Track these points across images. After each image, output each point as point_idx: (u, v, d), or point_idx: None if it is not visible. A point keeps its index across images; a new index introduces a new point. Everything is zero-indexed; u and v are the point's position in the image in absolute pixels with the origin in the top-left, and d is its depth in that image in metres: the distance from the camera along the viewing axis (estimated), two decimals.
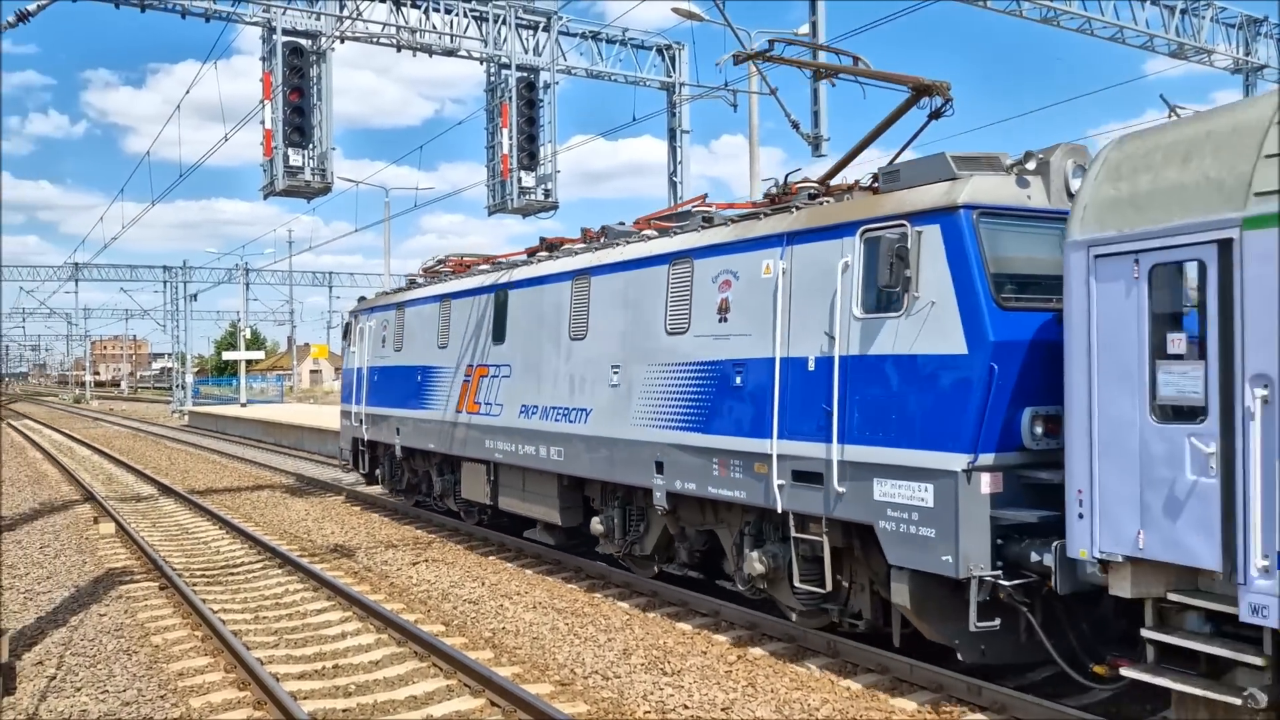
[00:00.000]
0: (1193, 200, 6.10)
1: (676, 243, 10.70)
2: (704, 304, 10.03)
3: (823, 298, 8.61)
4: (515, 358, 13.48)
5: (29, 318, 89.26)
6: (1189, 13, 22.03)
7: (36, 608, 11.40)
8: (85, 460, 31.01)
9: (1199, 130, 6.32)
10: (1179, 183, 6.22)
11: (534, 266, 13.49)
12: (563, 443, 12.22)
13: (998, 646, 7.74)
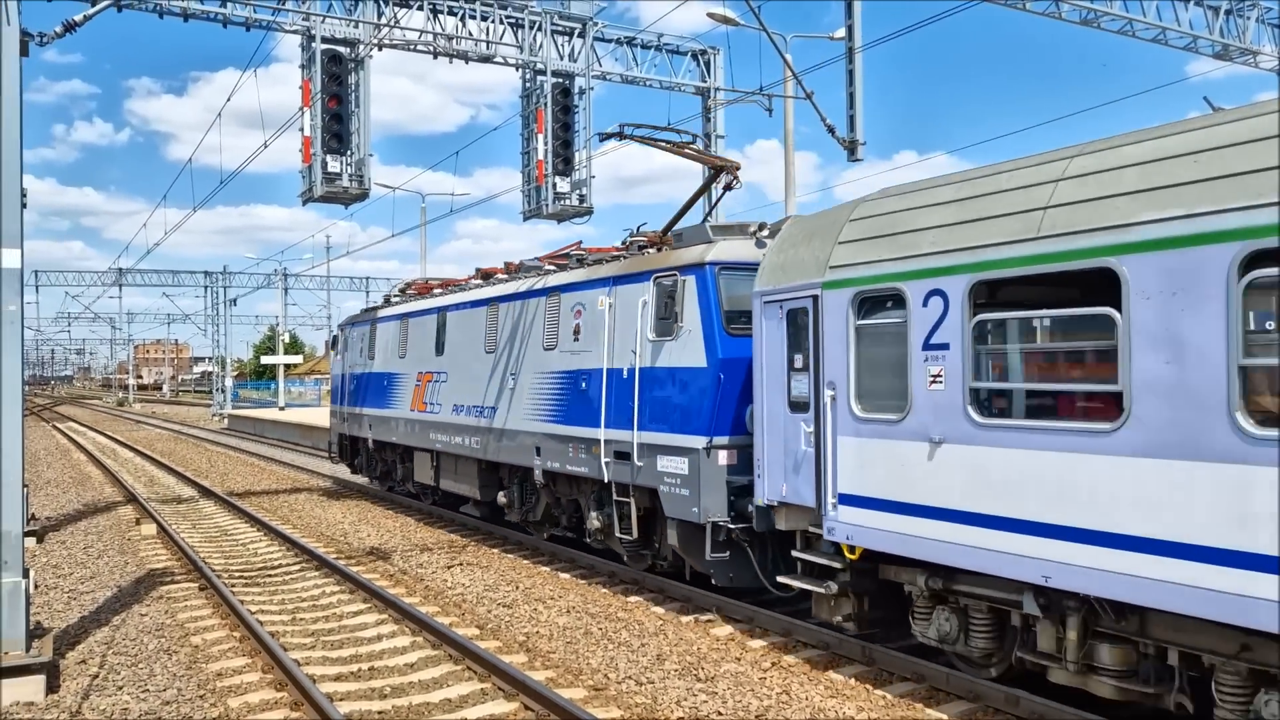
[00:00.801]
0: (806, 268, 9.10)
1: (550, 280, 13.81)
2: (566, 327, 13.14)
3: (632, 325, 11.61)
4: (450, 366, 16.69)
5: (74, 322, 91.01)
6: (1233, 13, 21.66)
7: (80, 607, 11.59)
8: (128, 462, 31.51)
9: (816, 223, 9.52)
10: (801, 257, 9.26)
11: (464, 294, 16.71)
12: (480, 434, 15.32)
13: (737, 572, 10.55)
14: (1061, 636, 7.24)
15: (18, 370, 8.97)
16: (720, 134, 21.56)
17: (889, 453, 8.23)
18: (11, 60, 9.08)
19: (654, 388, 11.26)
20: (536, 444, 13.66)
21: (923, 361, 7.88)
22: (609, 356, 12.03)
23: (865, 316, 8.56)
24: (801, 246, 9.37)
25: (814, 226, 9.47)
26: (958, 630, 8.16)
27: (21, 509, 9.12)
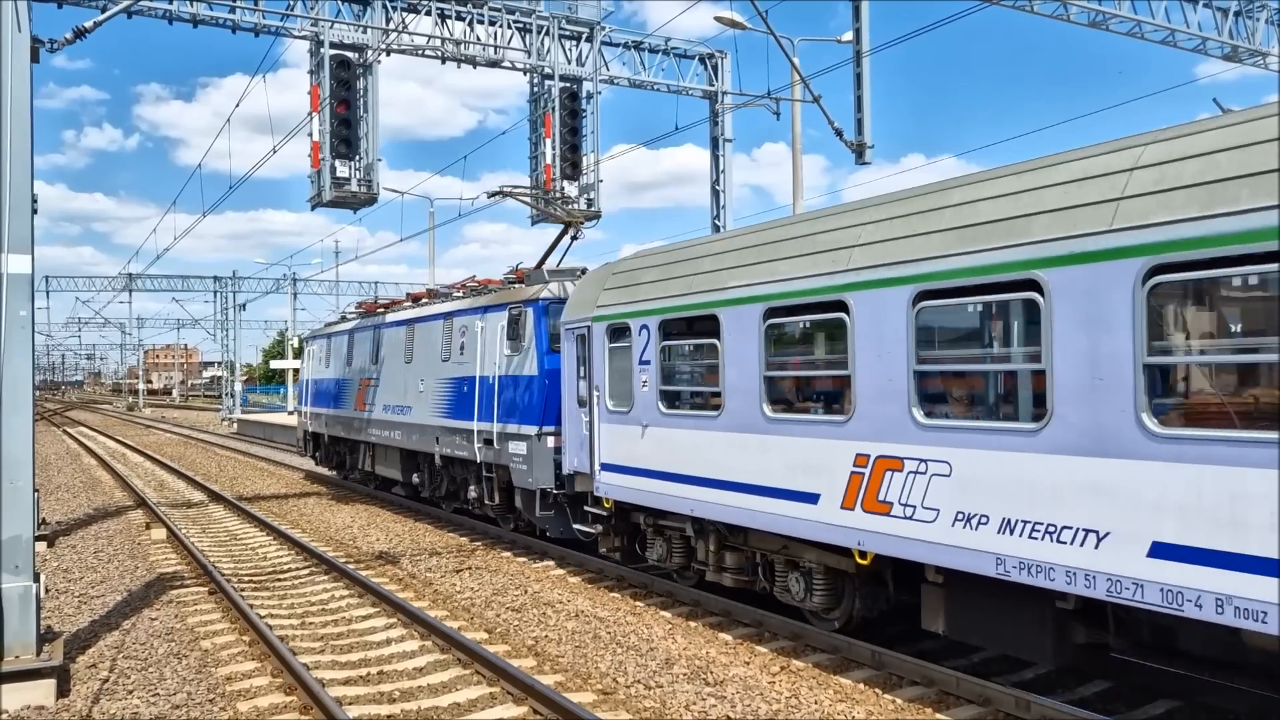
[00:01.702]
0: (587, 307, 12.68)
1: (446, 307, 17.73)
2: (455, 344, 16.97)
3: (494, 343, 15.47)
4: (382, 374, 20.53)
5: (84, 327, 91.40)
6: (1243, 15, 21.59)
7: (90, 611, 11.63)
8: (138, 467, 31.61)
9: (595, 275, 13.22)
10: (585, 298, 12.88)
11: (394, 314, 20.60)
12: (401, 428, 19.23)
13: (562, 526, 14.03)
14: (709, 549, 11.09)
15: (28, 375, 9.01)
16: (728, 137, 21.56)
17: (624, 434, 11.97)
18: (22, 66, 9.13)
19: (506, 391, 15.17)
20: (436, 434, 17.63)
21: (638, 372, 11.64)
22: (480, 367, 15.95)
23: (613, 341, 12.13)
24: (586, 291, 13.08)
25: (594, 278, 13.29)
26: (666, 551, 11.94)
27: (32, 513, 9.16)
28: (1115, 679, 8.33)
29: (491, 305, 15.90)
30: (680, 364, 11.62)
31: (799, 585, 9.99)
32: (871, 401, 8.42)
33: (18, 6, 9.11)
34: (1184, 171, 6.33)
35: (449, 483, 18.13)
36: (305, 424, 26.46)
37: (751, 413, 9.74)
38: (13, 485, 8.87)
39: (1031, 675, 8.72)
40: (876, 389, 8.37)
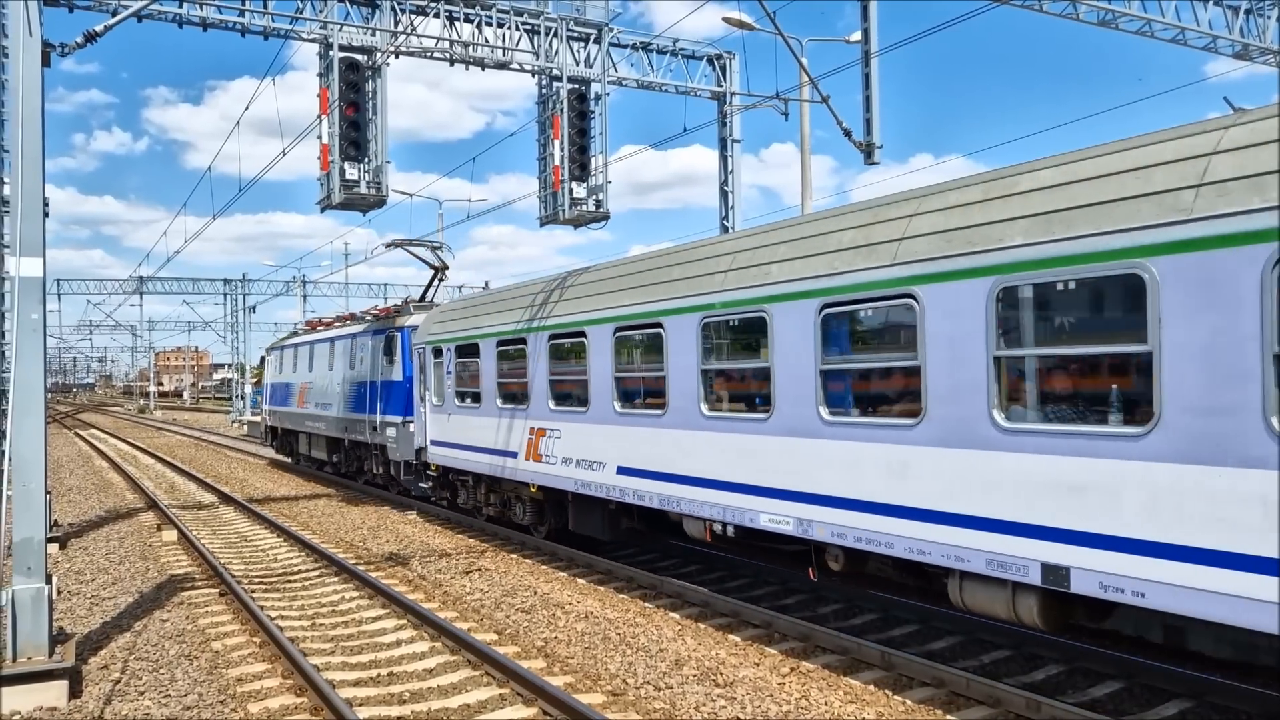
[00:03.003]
0: (428, 333, 18.30)
1: (353, 328, 23.91)
2: (357, 357, 22.99)
3: (379, 356, 21.42)
4: (315, 379, 26.77)
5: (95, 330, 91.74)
6: (1253, 12, 21.48)
7: (102, 613, 11.67)
8: (149, 469, 31.73)
9: (433, 312, 19.10)
10: (428, 327, 18.54)
11: (326, 333, 26.40)
12: (325, 420, 25.61)
13: (416, 486, 19.55)
14: (483, 494, 17.09)
15: (40, 378, 9.05)
16: (737, 138, 21.54)
17: (440, 421, 17.91)
18: (34, 71, 9.18)
19: (385, 391, 21.30)
20: (346, 424, 23.86)
21: (447, 378, 17.45)
22: (371, 374, 22.09)
23: (435, 358, 18.05)
24: (425, 323, 19.06)
25: (430, 314, 19.18)
26: (467, 497, 17.94)
27: (44, 515, 9.20)
28: (1127, 680, 8.30)
29: (378, 329, 22.05)
30: (464, 373, 17.11)
31: (520, 510, 16.10)
32: (537, 398, 14.45)
33: (29, 11, 9.16)
34: (1030, 202, 7.37)
35: (356, 461, 24.42)
36: (266, 420, 33.52)
37: (490, 405, 15.95)
38: (25, 487, 8.91)
39: (1042, 676, 8.69)
40: (539, 391, 14.46)
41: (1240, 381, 5.89)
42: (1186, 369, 6.14)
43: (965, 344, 7.59)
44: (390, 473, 21.50)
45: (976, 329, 7.49)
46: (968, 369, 7.57)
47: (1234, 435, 5.91)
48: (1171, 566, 6.19)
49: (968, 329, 7.57)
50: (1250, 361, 5.82)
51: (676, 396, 11.10)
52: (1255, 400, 5.81)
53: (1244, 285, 5.85)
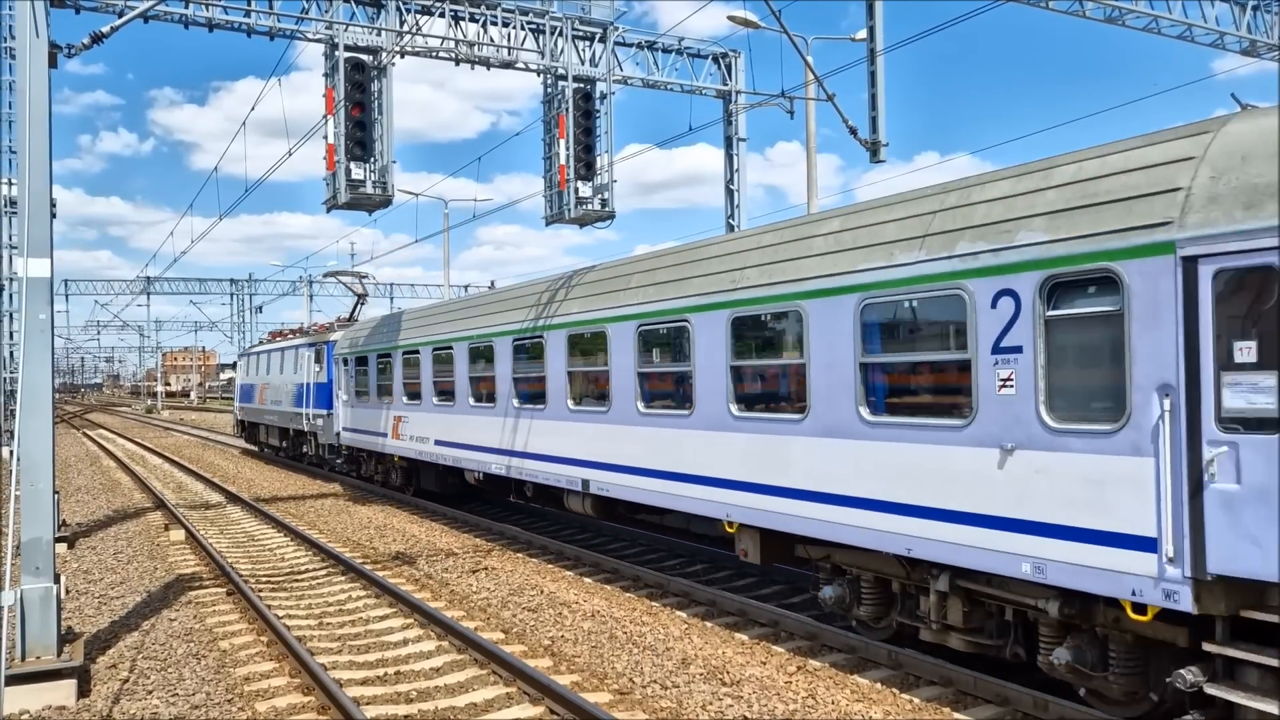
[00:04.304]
0: (344, 345, 24.44)
1: (296, 341, 29.63)
2: (298, 364, 28.49)
3: (313, 365, 27.16)
4: (270, 381, 32.40)
5: (103, 330, 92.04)
6: (1260, 8, 21.40)
7: (110, 612, 11.71)
8: (156, 469, 31.82)
9: (348, 329, 25.46)
10: (343, 342, 24.92)
11: (281, 343, 31.93)
12: (276, 414, 31.23)
13: (337, 462, 26.02)
14: (375, 466, 23.53)
15: (48, 378, 9.08)
16: (742, 136, 21.52)
17: (348, 412, 23.80)
18: (40, 72, 9.21)
19: (316, 391, 26.89)
20: (290, 416, 29.61)
21: (349, 381, 23.57)
22: (307, 377, 27.73)
23: (343, 365, 24.05)
24: (343, 339, 24.60)
25: (346, 333, 24.82)
26: (370, 470, 23.62)
27: (52, 515, 9.23)
28: None
29: (312, 343, 27.91)
30: (359, 377, 23.12)
31: (396, 477, 22.26)
32: (397, 395, 20.50)
33: (35, 12, 9.18)
34: (884, 232, 8.83)
35: (298, 445, 30.31)
36: (237, 415, 39.13)
37: (373, 400, 22.08)
38: (33, 487, 8.94)
39: (1049, 676, 8.66)
40: (398, 390, 20.52)
41: (845, 383, 8.94)
42: (823, 376, 9.24)
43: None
44: (320, 453, 27.70)
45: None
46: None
47: (844, 418, 9.00)
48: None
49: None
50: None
51: (461, 396, 17.39)
52: (852, 395, 8.89)
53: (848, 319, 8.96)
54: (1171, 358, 6.40)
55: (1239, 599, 6.30)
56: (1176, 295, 6.37)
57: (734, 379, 10.51)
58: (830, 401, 9.12)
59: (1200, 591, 6.25)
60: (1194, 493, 6.27)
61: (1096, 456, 6.86)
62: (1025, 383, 7.33)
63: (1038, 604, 7.58)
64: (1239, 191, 6.17)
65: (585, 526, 17.37)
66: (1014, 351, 7.44)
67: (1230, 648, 6.32)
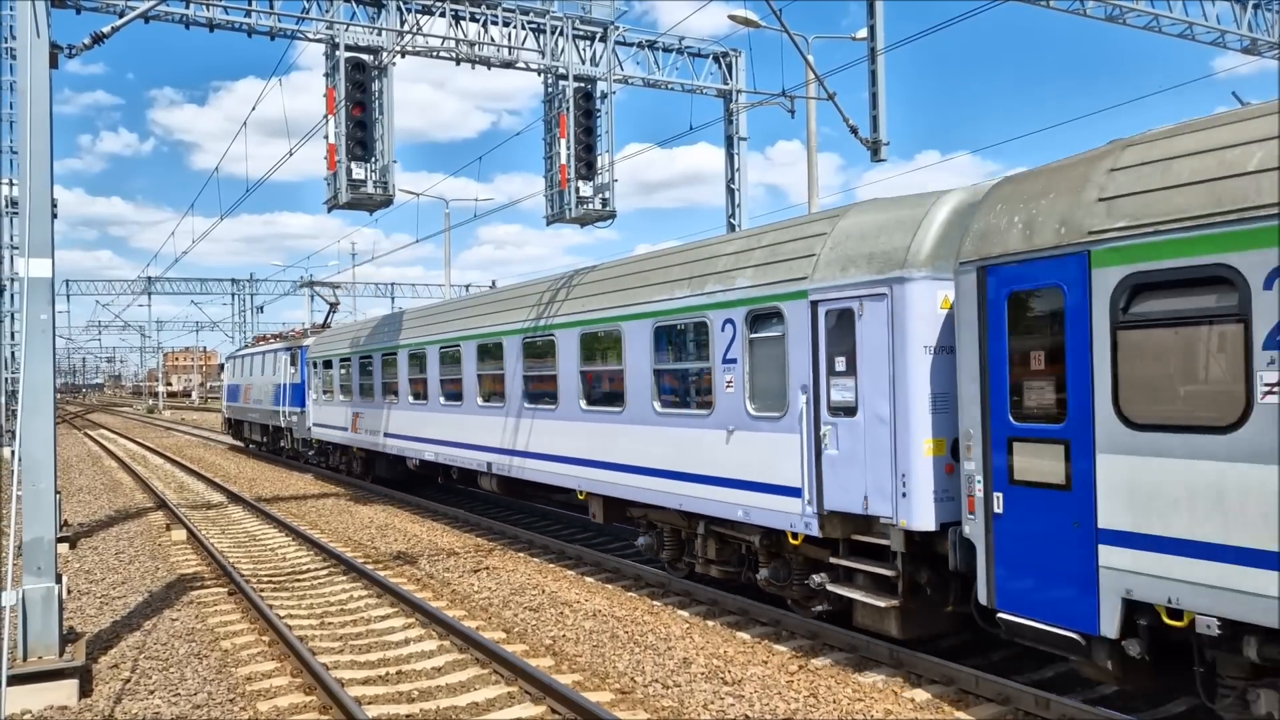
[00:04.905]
0: (312, 351, 27.93)
1: (275, 345, 32.98)
2: (276, 366, 32.08)
3: (288, 367, 30.62)
4: (253, 381, 35.46)
5: (104, 330, 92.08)
6: (1261, 7, 21.37)
7: (112, 612, 11.72)
8: (158, 469, 31.83)
9: (321, 336, 28.12)
10: (314, 347, 27.77)
11: (261, 347, 35.07)
12: (258, 411, 34.54)
13: (310, 454, 29.58)
14: (340, 456, 26.54)
15: (49, 378, 9.08)
16: (743, 136, 21.51)
17: (317, 409, 26.82)
18: (41, 72, 9.21)
19: (291, 390, 29.91)
20: (269, 414, 32.86)
21: (318, 381, 27.00)
22: (284, 378, 30.83)
23: (313, 368, 27.36)
24: (314, 344, 27.42)
25: (317, 339, 27.72)
26: (336, 461, 26.87)
27: (54, 515, 9.23)
28: None
29: (288, 347, 30.91)
30: (326, 378, 25.94)
31: (356, 466, 25.21)
32: (354, 393, 23.65)
33: (36, 12, 9.19)
34: (671, 274, 11.87)
35: (276, 439, 33.22)
36: (225, 413, 43.08)
37: (336, 398, 24.91)
38: (34, 487, 8.95)
39: (1051, 674, 8.67)
40: (354, 389, 23.73)
41: (646, 384, 12.14)
42: (633, 380, 12.38)
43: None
44: (294, 446, 30.85)
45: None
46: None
47: (647, 410, 12.11)
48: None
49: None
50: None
51: (403, 394, 20.48)
52: (649, 393, 12.08)
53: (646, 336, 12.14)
54: (808, 367, 9.50)
55: (851, 527, 9.33)
56: (808, 326, 9.45)
57: (583, 381, 13.60)
58: (638, 397, 12.27)
59: (824, 523, 9.38)
60: (817, 456, 9.42)
61: (773, 434, 9.96)
62: (739, 384, 10.50)
63: (750, 539, 10.67)
64: (840, 259, 9.24)
65: (587, 526, 17.35)
66: (733, 362, 10.56)
67: (845, 560, 9.39)
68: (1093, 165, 7.02)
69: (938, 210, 8.81)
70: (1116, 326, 6.56)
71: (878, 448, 8.79)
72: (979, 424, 7.59)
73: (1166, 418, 6.32)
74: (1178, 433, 6.24)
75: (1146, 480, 6.41)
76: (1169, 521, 6.28)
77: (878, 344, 8.81)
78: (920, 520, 8.43)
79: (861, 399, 8.96)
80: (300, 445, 29.84)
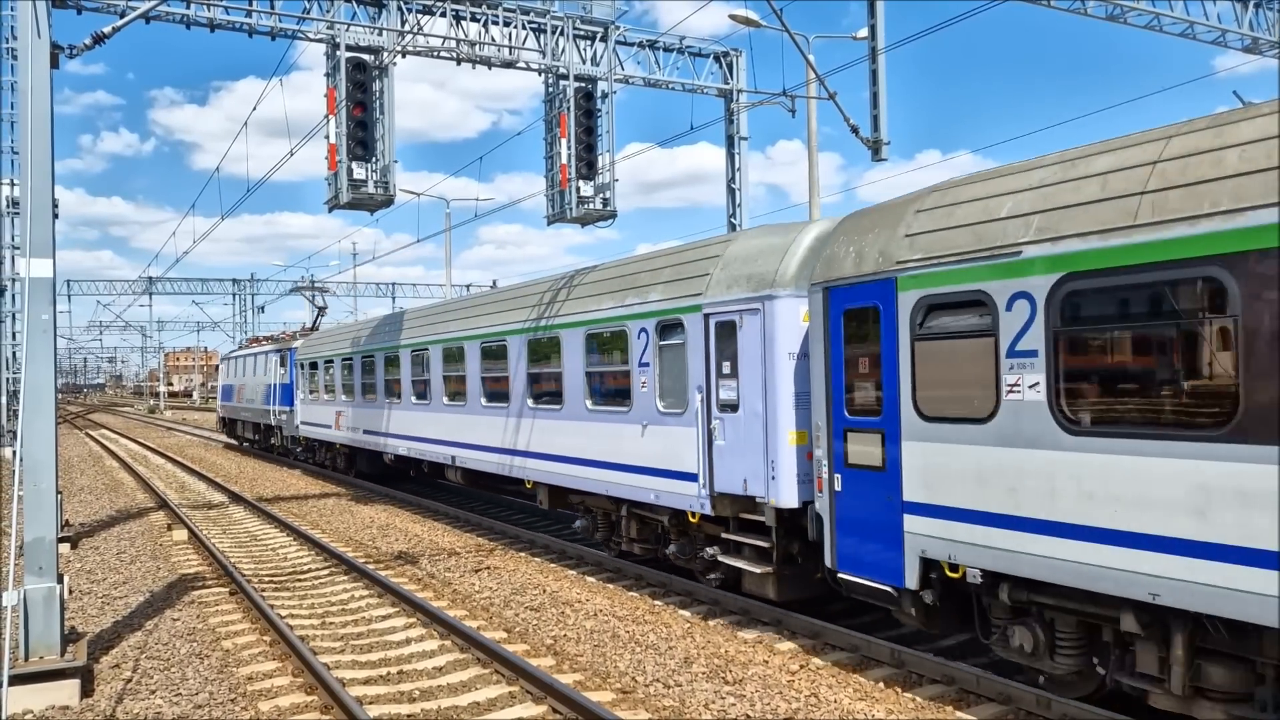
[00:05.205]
0: (301, 352, 29.50)
1: (266, 347, 34.73)
2: (267, 367, 33.50)
3: (278, 368, 32.07)
4: (246, 382, 37.01)
5: (105, 330, 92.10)
6: (1263, 6, 21.35)
7: (113, 612, 11.72)
8: (159, 469, 31.84)
9: (309, 338, 30.26)
10: (302, 348, 29.59)
11: (253, 349, 36.82)
12: (250, 410, 36.19)
13: (298, 451, 31.15)
14: (325, 451, 28.36)
15: (50, 378, 9.09)
16: (743, 135, 21.51)
17: (305, 408, 28.56)
18: (42, 72, 9.21)
19: (281, 390, 31.29)
20: (261, 412, 34.32)
21: (305, 381, 28.95)
22: (274, 379, 32.13)
23: (301, 369, 29.17)
24: (303, 346, 29.12)
25: (305, 341, 29.25)
26: (322, 456, 28.28)
27: (55, 515, 9.24)
28: None
29: (278, 349, 32.45)
30: (314, 378, 27.50)
31: (340, 461, 26.71)
32: (336, 393, 25.41)
33: (37, 12, 9.19)
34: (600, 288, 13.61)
35: (267, 436, 34.45)
36: (220, 412, 44.94)
37: (321, 398, 26.45)
38: (36, 487, 8.95)
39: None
40: (337, 388, 25.55)
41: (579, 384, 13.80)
42: (569, 381, 14.07)
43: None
44: (284, 443, 32.43)
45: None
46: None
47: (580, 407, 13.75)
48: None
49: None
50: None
51: (379, 394, 22.08)
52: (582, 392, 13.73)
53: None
54: (702, 371, 11.09)
55: (737, 507, 10.83)
56: (703, 335, 11.04)
57: (529, 382, 15.13)
58: (574, 396, 13.82)
59: (715, 503, 10.97)
60: (709, 446, 11.02)
61: (676, 427, 11.54)
62: (651, 384, 12.07)
63: (662, 519, 12.31)
64: (727, 279, 10.86)
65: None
66: (646, 366, 12.14)
67: (734, 535, 10.94)
68: (906, 206, 8.60)
69: (803, 238, 10.37)
70: (915, 339, 8.17)
71: (754, 438, 10.36)
72: (825, 418, 9.20)
73: (947, 411, 7.91)
74: (954, 423, 7.82)
75: (935, 461, 8.02)
76: (950, 494, 7.87)
77: (754, 351, 10.37)
78: (786, 499, 10.05)
79: (742, 397, 10.52)
80: (289, 442, 31.44)
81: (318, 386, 27.28)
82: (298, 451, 30.97)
